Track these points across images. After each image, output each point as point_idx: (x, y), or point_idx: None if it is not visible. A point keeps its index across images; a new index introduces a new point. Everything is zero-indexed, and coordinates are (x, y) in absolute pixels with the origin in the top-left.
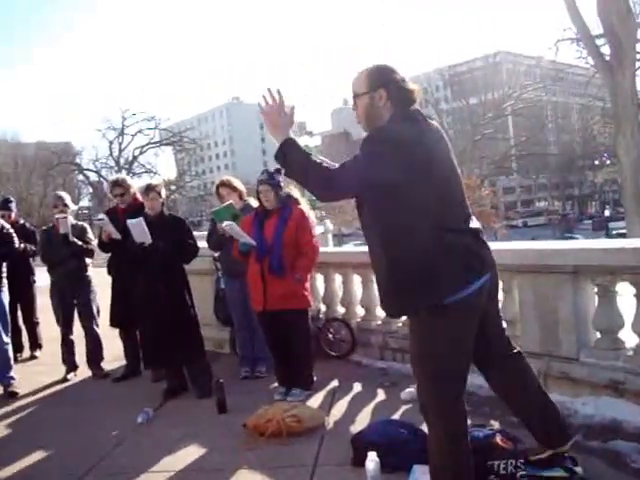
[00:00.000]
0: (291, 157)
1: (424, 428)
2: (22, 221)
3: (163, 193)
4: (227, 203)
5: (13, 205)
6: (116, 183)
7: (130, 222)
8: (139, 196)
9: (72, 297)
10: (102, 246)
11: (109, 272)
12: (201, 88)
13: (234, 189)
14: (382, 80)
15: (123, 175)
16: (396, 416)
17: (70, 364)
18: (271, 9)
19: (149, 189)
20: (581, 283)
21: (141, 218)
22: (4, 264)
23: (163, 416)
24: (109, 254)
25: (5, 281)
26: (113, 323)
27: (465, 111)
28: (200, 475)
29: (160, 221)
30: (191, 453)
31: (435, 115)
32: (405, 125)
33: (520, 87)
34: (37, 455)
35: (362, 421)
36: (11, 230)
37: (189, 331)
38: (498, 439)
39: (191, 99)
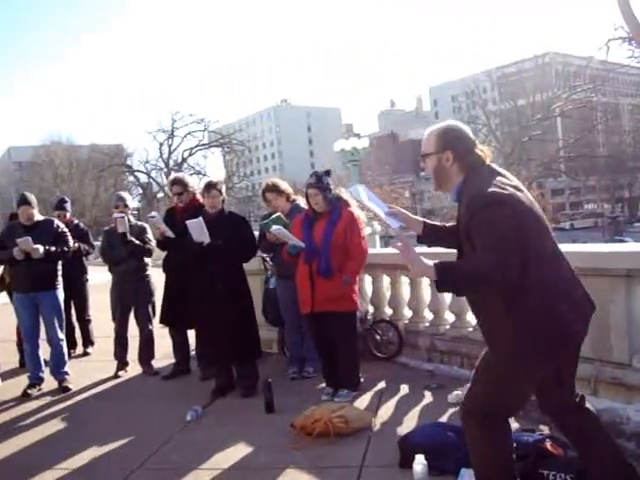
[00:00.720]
0: (452, 280)
1: None
2: (76, 221)
3: (224, 191)
4: (275, 215)
5: (68, 205)
6: (175, 181)
7: (189, 222)
8: (199, 196)
9: (130, 296)
10: (159, 244)
11: (164, 270)
12: (250, 90)
13: (280, 193)
14: (450, 142)
15: (182, 174)
16: (443, 419)
17: (122, 361)
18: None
19: (210, 187)
20: (634, 287)
21: (200, 218)
22: (59, 263)
23: (212, 414)
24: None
25: (60, 279)
26: (163, 321)
27: (513, 112)
28: (248, 473)
29: (220, 219)
30: (239, 451)
31: (483, 117)
32: (494, 183)
33: (569, 88)
34: (89, 449)
35: (409, 423)
36: (66, 230)
37: (245, 331)
38: (548, 444)
39: (240, 101)
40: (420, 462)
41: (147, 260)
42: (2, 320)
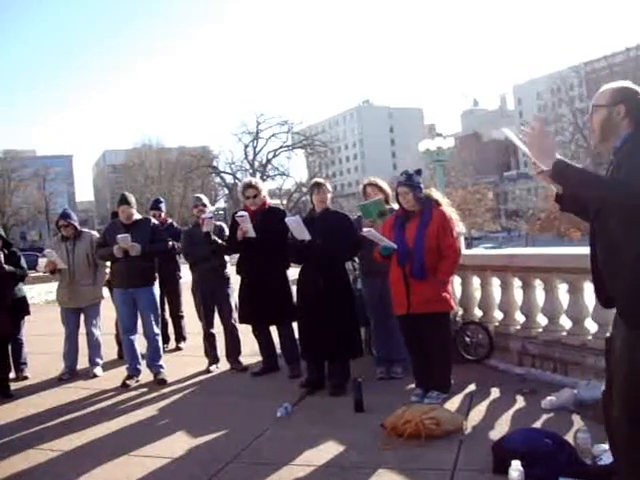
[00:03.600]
0: (570, 176)
1: (570, 439)
2: (170, 220)
3: (330, 190)
4: (376, 198)
5: (163, 205)
6: (249, 185)
7: (288, 219)
8: (268, 199)
9: (212, 293)
10: (232, 245)
11: (238, 272)
12: (332, 91)
13: (380, 190)
14: (624, 97)
15: (256, 178)
16: (537, 425)
17: (212, 357)
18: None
19: (316, 186)
20: None
21: (297, 216)
22: (155, 260)
23: (301, 411)
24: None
25: (156, 276)
26: (241, 320)
27: None
28: (340, 472)
29: (324, 217)
30: (330, 449)
31: (569, 115)
32: None
33: None
34: (184, 439)
35: (501, 428)
36: (162, 229)
37: (342, 329)
38: None
39: (323, 102)
40: (517, 468)
41: (227, 258)
42: (102, 314)
